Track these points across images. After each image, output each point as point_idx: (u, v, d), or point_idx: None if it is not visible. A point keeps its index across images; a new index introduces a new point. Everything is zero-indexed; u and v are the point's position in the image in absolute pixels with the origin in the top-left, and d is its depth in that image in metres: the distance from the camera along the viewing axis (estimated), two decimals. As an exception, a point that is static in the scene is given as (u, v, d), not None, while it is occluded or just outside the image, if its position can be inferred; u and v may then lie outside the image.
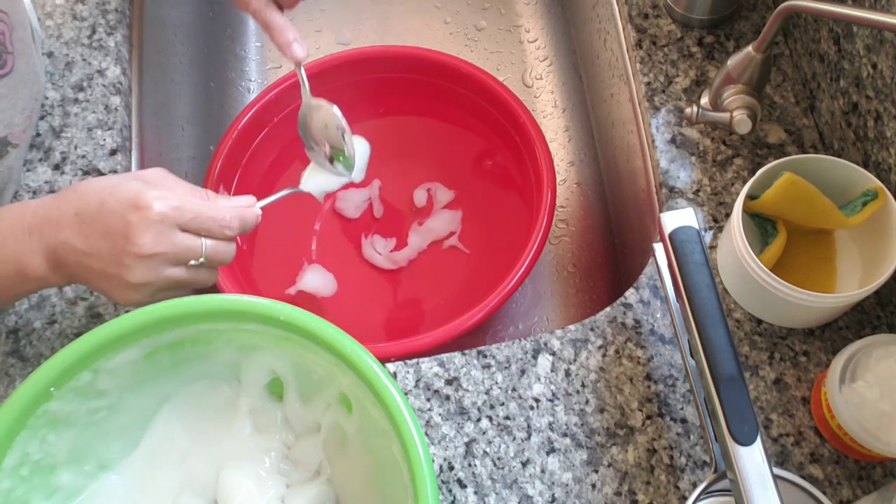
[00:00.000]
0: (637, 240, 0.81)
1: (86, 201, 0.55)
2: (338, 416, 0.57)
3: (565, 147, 0.97)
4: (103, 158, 0.72)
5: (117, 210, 0.54)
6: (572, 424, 0.61)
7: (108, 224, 0.54)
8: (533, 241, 0.74)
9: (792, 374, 0.61)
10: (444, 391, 0.62)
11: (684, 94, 0.73)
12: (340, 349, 0.49)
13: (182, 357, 0.56)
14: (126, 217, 0.53)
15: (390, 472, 0.50)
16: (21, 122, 0.67)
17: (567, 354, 0.63)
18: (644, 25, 0.77)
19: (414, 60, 0.87)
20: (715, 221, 0.67)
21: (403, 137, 0.92)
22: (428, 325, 0.72)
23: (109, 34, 0.78)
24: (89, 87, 0.75)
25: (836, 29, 0.65)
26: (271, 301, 0.51)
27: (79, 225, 0.54)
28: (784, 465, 0.58)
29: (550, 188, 0.77)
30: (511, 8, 1.06)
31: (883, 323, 0.63)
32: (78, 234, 0.54)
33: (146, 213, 0.54)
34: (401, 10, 1.06)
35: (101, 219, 0.54)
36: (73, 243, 0.54)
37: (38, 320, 0.66)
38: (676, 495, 0.58)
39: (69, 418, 0.52)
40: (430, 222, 0.89)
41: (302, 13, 1.06)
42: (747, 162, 0.69)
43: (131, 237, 0.53)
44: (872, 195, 0.58)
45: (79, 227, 0.54)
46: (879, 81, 0.60)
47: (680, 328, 0.59)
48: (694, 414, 0.60)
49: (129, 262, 0.54)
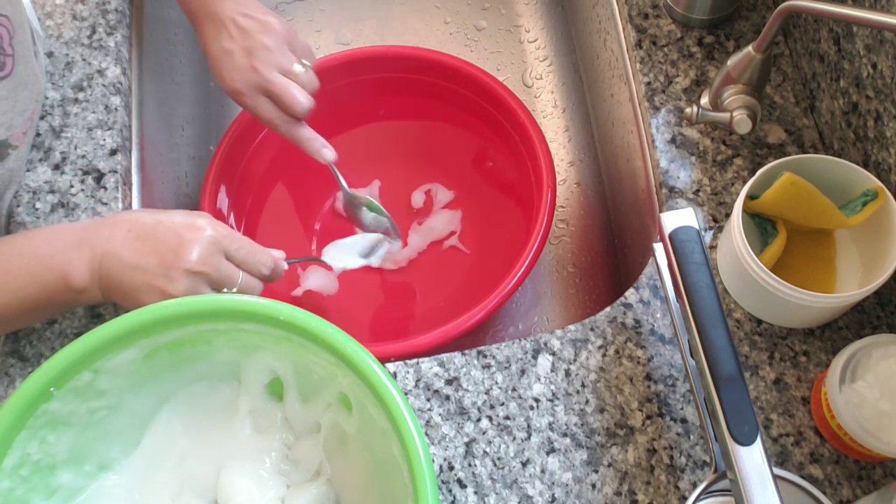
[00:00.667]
0: (637, 240, 0.81)
1: (140, 221, 0.59)
2: (338, 416, 0.56)
3: (565, 147, 0.97)
4: (103, 158, 0.72)
5: (172, 229, 0.58)
6: (572, 424, 0.61)
7: (162, 240, 0.57)
8: (533, 241, 0.74)
9: (792, 374, 0.61)
10: (444, 391, 0.62)
11: (684, 94, 0.73)
12: (340, 349, 0.49)
13: (182, 357, 0.56)
14: (181, 235, 0.58)
15: (390, 472, 0.50)
16: (21, 124, 0.67)
17: (567, 354, 0.63)
18: (644, 25, 0.77)
19: (414, 60, 0.87)
20: (715, 221, 0.67)
21: (403, 137, 0.92)
22: (428, 325, 0.72)
23: (109, 34, 0.78)
24: (89, 87, 0.75)
25: (836, 29, 0.65)
26: (271, 301, 0.51)
27: (131, 241, 0.58)
28: (784, 465, 0.58)
29: (550, 188, 0.77)
30: (511, 8, 1.06)
31: (883, 323, 0.63)
32: (129, 248, 0.57)
33: (201, 234, 0.58)
34: (401, 10, 1.06)
35: (156, 236, 0.58)
36: (122, 255, 0.57)
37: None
38: (676, 495, 0.58)
39: (69, 418, 0.52)
40: (430, 222, 0.89)
41: (302, 13, 1.06)
42: (747, 162, 0.69)
43: (182, 253, 0.57)
44: (872, 195, 0.58)
45: (131, 242, 0.58)
46: (879, 81, 0.60)
47: (680, 328, 0.59)
48: (694, 414, 0.60)
49: (176, 276, 0.57)
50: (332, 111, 0.90)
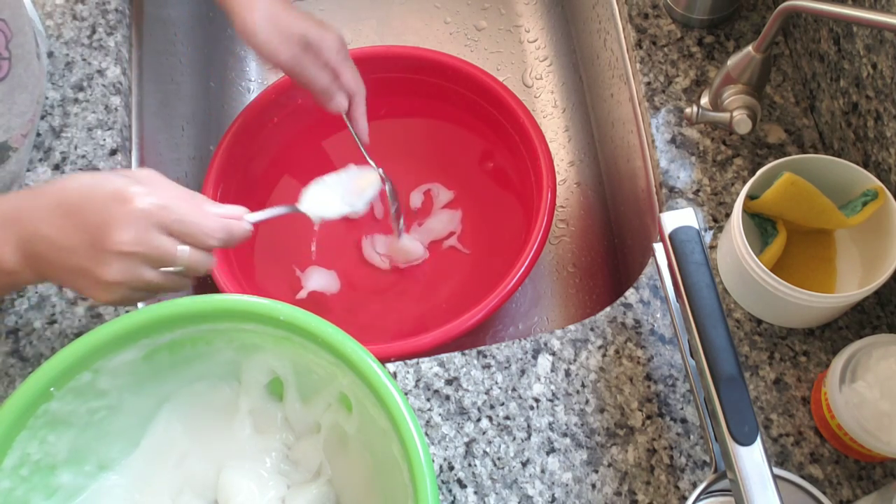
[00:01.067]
0: (637, 240, 0.81)
1: (67, 192, 0.52)
2: (338, 416, 0.56)
3: (565, 147, 0.97)
4: (103, 158, 0.72)
5: (99, 201, 0.51)
6: (572, 424, 0.61)
7: (88, 216, 0.51)
8: (533, 242, 0.74)
9: (792, 374, 0.61)
10: (444, 391, 0.62)
11: (684, 94, 0.73)
12: (340, 349, 0.49)
13: (182, 357, 0.56)
14: (108, 208, 0.51)
15: (390, 472, 0.50)
16: (20, 127, 0.66)
17: (567, 354, 0.63)
18: (644, 25, 0.77)
19: (414, 60, 0.87)
20: (715, 221, 0.67)
21: (403, 137, 0.92)
22: (428, 325, 0.72)
23: (109, 34, 0.78)
24: (89, 87, 0.75)
25: (836, 29, 0.65)
26: (271, 301, 0.51)
27: (58, 217, 0.51)
28: (784, 465, 0.58)
29: (550, 188, 0.77)
30: (511, 8, 1.06)
31: (883, 323, 0.63)
32: (54, 225, 0.51)
33: (129, 207, 0.51)
34: (401, 10, 1.06)
35: (82, 210, 0.51)
36: (48, 235, 0.51)
37: (38, 320, 0.66)
38: (676, 495, 0.58)
39: (69, 418, 0.52)
40: (430, 222, 0.89)
41: (302, 13, 1.06)
42: (747, 162, 0.69)
43: (110, 231, 0.50)
44: (872, 195, 0.58)
45: (57, 218, 0.51)
46: (879, 81, 0.60)
47: (680, 328, 0.59)
48: (694, 414, 0.60)
49: (105, 259, 0.51)
50: (332, 111, 0.90)
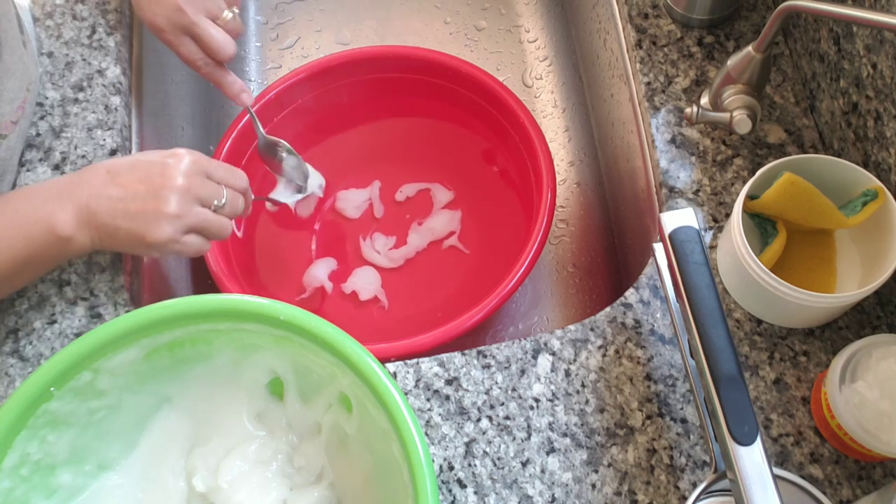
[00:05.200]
0: (637, 240, 0.81)
1: (117, 163, 0.62)
2: (338, 416, 0.56)
3: (565, 147, 0.97)
4: (103, 158, 0.72)
5: (152, 160, 0.62)
6: (572, 424, 0.61)
7: (145, 170, 0.61)
8: (533, 241, 0.74)
9: (792, 374, 0.61)
10: (444, 391, 0.62)
11: (684, 94, 0.73)
12: (340, 349, 0.49)
13: (182, 357, 0.56)
14: (163, 161, 0.62)
15: (390, 472, 0.50)
16: (10, 114, 0.66)
17: (567, 354, 0.63)
18: (644, 25, 0.77)
19: (414, 60, 0.87)
20: (715, 221, 0.67)
21: (403, 137, 0.92)
22: (428, 325, 0.72)
23: (109, 34, 0.78)
24: (89, 87, 0.75)
25: (836, 29, 0.65)
26: (271, 301, 0.51)
27: (113, 178, 0.61)
28: (784, 465, 0.58)
29: (550, 188, 0.77)
30: (511, 8, 1.06)
31: (883, 323, 0.63)
32: (112, 184, 0.60)
33: (180, 159, 0.62)
34: (401, 10, 1.06)
35: (137, 168, 0.61)
36: (108, 193, 0.60)
37: (38, 320, 0.66)
38: (676, 495, 0.58)
39: (69, 418, 0.52)
40: (430, 222, 0.89)
41: (302, 13, 1.06)
42: (747, 162, 0.69)
43: (168, 174, 0.61)
44: (872, 195, 0.58)
45: (112, 179, 0.61)
46: (879, 81, 0.60)
47: (680, 328, 0.59)
48: (694, 414, 0.60)
49: (166, 195, 0.60)
50: (332, 111, 0.90)
